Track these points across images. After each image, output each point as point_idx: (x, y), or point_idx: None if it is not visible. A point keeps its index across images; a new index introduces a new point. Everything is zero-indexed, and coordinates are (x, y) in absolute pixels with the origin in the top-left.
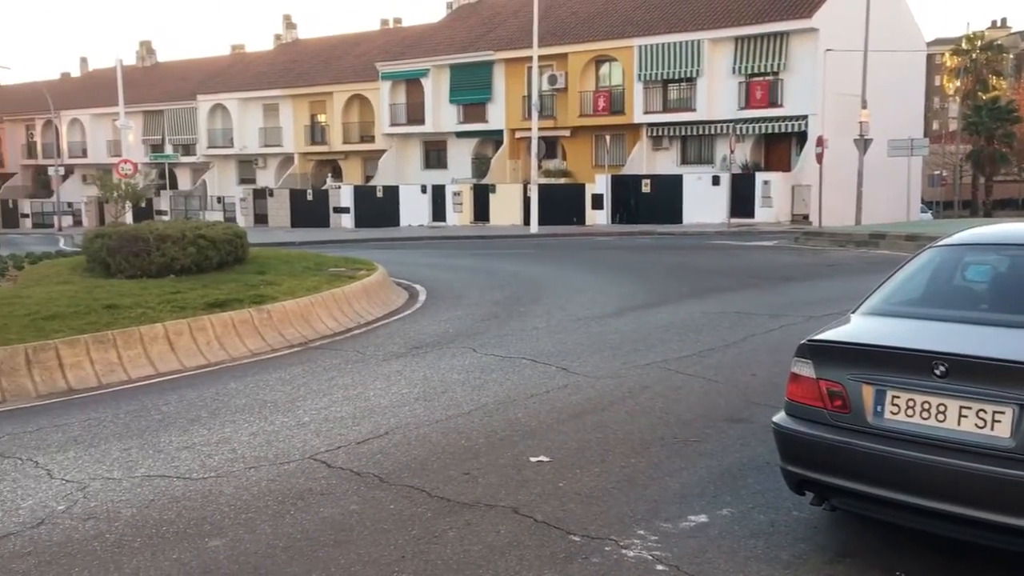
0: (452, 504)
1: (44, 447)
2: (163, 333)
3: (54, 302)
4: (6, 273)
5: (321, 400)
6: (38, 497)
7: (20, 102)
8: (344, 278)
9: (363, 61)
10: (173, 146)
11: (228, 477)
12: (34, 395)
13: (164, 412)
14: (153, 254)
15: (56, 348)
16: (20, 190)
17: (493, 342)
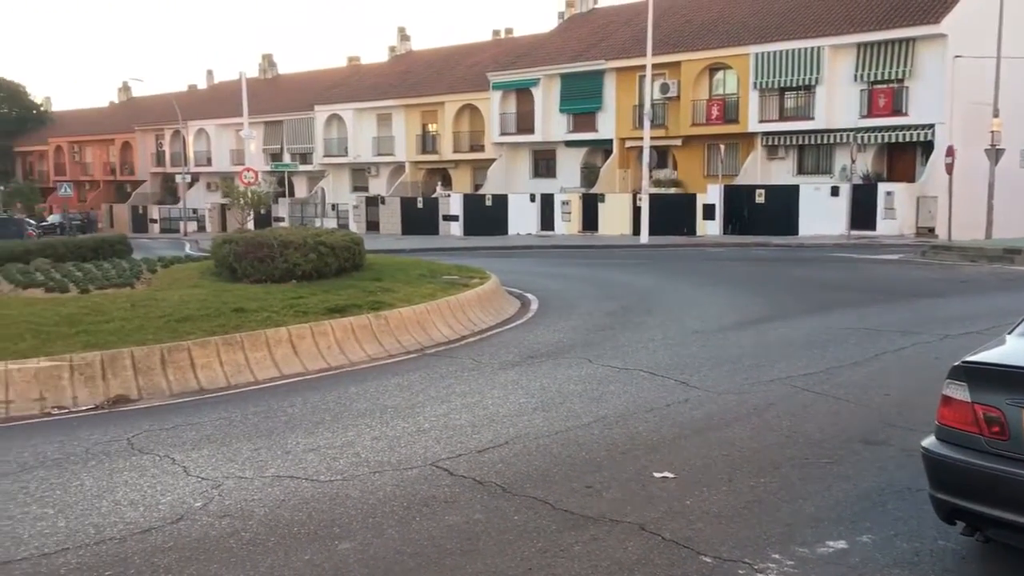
0: (576, 517)
1: (179, 444)
2: (287, 337)
3: (186, 305)
4: (141, 276)
5: (440, 407)
6: (176, 493)
7: (151, 113)
8: (458, 286)
9: (474, 71)
10: (291, 155)
11: (354, 481)
12: (168, 393)
13: (290, 414)
14: (276, 260)
15: (189, 349)
16: (149, 196)
17: (609, 353)
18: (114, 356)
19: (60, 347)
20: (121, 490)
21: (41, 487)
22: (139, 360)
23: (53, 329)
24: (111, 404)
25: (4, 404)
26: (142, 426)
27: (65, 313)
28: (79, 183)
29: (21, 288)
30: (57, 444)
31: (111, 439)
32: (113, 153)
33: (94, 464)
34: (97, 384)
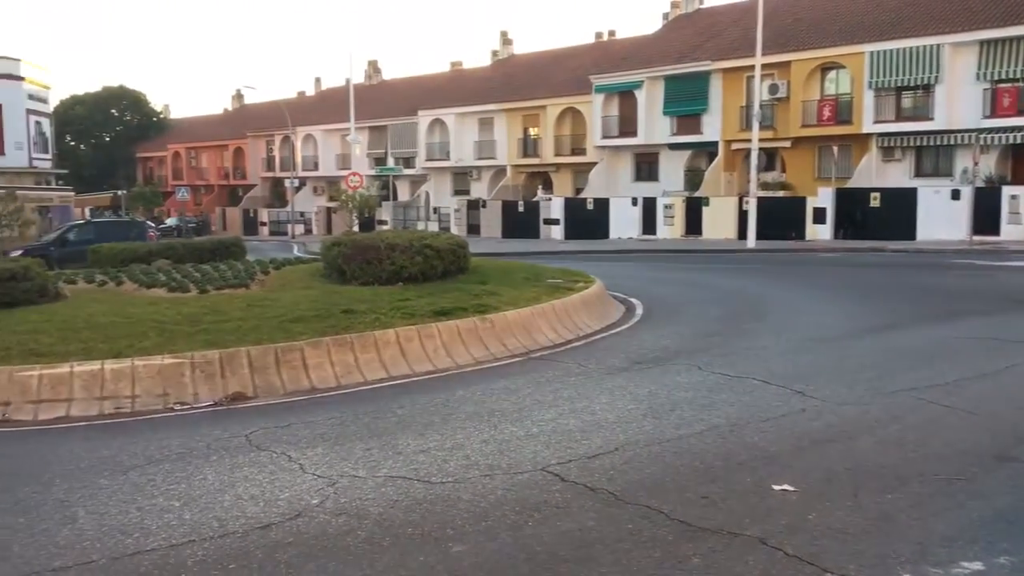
0: (693, 529)
1: (295, 442)
2: (395, 338)
3: (298, 306)
4: (255, 277)
5: (548, 412)
6: (294, 490)
7: (262, 120)
8: (562, 290)
9: (576, 75)
10: (395, 159)
11: (465, 483)
12: (282, 392)
13: (399, 415)
14: (384, 262)
15: (302, 349)
16: (259, 200)
17: (718, 360)
18: (232, 355)
19: (182, 345)
20: (241, 485)
21: (167, 480)
22: (255, 359)
23: (175, 328)
24: (229, 401)
25: (130, 399)
26: (259, 423)
27: (186, 312)
28: (195, 187)
29: (145, 288)
30: (180, 439)
31: (230, 435)
32: (226, 158)
33: (215, 459)
34: (216, 381)
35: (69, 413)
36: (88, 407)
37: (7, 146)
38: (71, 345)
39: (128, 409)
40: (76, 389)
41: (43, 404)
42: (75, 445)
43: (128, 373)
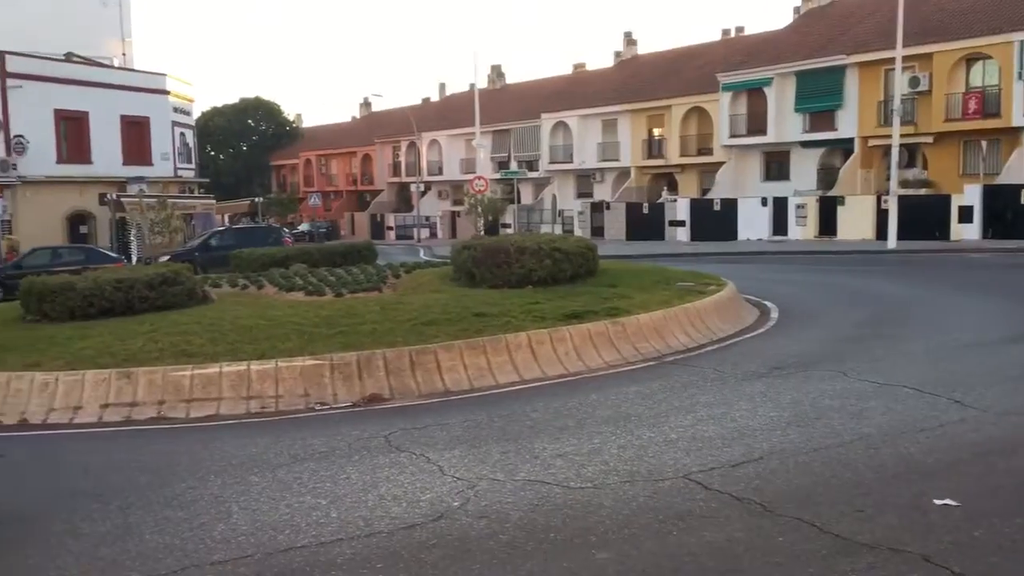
0: (848, 543)
1: (432, 444)
2: (526, 342)
3: (430, 309)
4: (387, 281)
5: (685, 417)
6: (435, 492)
7: (389, 126)
8: (694, 293)
9: (702, 73)
10: (518, 162)
11: (605, 489)
12: (416, 394)
13: (533, 419)
14: (513, 266)
15: (435, 352)
16: (386, 205)
17: (864, 366)
18: (369, 357)
19: (321, 347)
20: (384, 485)
21: (312, 478)
22: (390, 361)
23: (314, 330)
24: (366, 402)
25: (274, 399)
26: (396, 424)
27: (324, 315)
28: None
29: (284, 291)
30: (323, 438)
31: (370, 436)
32: (355, 165)
33: (357, 459)
34: (354, 383)
35: (219, 411)
36: (236, 406)
37: (154, 156)
38: (219, 346)
39: (272, 408)
40: (225, 388)
41: (195, 403)
42: (226, 442)
43: (272, 374)
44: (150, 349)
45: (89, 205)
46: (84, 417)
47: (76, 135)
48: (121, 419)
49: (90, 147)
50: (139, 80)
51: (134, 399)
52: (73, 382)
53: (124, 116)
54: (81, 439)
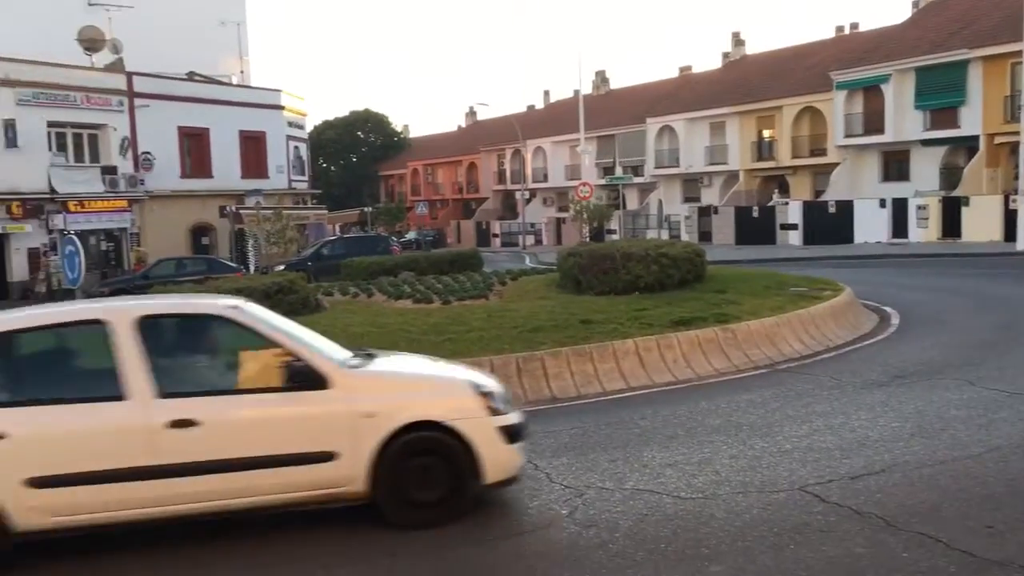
0: (979, 560)
1: (540, 451)
2: (633, 349)
3: (536, 316)
4: (493, 288)
5: (800, 427)
6: (542, 499)
7: (494, 134)
8: (808, 298)
9: (814, 72)
10: (623, 168)
11: (716, 500)
12: (524, 401)
13: (642, 427)
14: (620, 272)
15: (542, 359)
16: (491, 212)
17: (993, 375)
18: (476, 363)
19: (429, 353)
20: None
21: None
22: (498, 368)
23: (423, 337)
24: None
25: None
26: None
27: (432, 322)
28: (432, 202)
29: (393, 299)
30: None
31: None
32: (460, 173)
33: None
34: None
35: None
36: None
37: (270, 170)
38: None
39: None
40: None
41: None
42: None
43: None
44: None
45: (210, 217)
46: None
47: (198, 151)
48: None
49: (211, 162)
50: (256, 97)
51: None
52: None
53: (242, 131)
54: None
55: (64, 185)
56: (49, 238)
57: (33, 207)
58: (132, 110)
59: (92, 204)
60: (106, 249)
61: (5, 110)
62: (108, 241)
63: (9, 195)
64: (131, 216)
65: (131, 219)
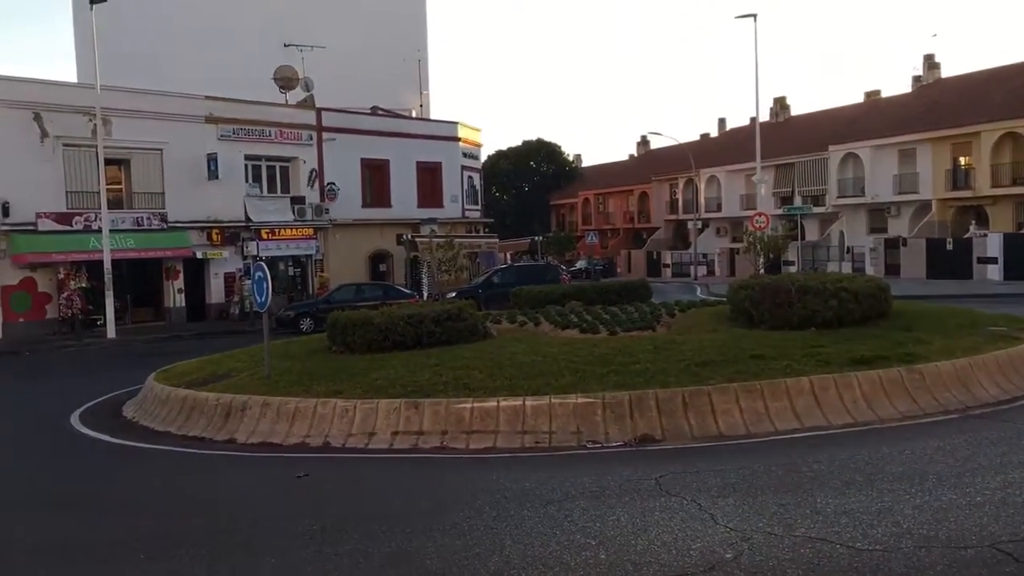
0: None
1: (704, 490)
2: (808, 387)
3: (704, 350)
4: (661, 320)
5: (994, 478)
6: (706, 541)
7: (666, 164)
8: (1008, 338)
9: (1017, 96)
10: (802, 197)
11: (896, 553)
12: (689, 436)
13: (815, 470)
14: (795, 306)
15: (709, 394)
16: (662, 242)
17: None
18: (640, 396)
19: (594, 385)
20: (653, 530)
21: (583, 517)
22: (663, 402)
23: (587, 368)
24: (638, 442)
25: (548, 435)
26: (668, 468)
27: (597, 353)
28: (602, 231)
29: (560, 328)
30: (594, 477)
31: (640, 477)
32: (631, 202)
33: (627, 500)
34: (625, 422)
35: (496, 444)
36: (511, 440)
37: (445, 199)
38: (497, 381)
39: (545, 444)
40: (501, 422)
41: (474, 434)
42: (500, 475)
43: (546, 410)
44: (435, 382)
45: (388, 245)
46: (377, 443)
47: (378, 181)
48: (409, 447)
49: (390, 192)
50: (433, 129)
51: (420, 428)
52: (368, 410)
53: (419, 162)
54: (374, 463)
55: (258, 214)
56: (243, 263)
57: (230, 235)
58: (320, 143)
59: (282, 232)
60: (293, 274)
61: (208, 145)
62: (295, 267)
63: (210, 223)
64: (316, 243)
65: (316, 246)
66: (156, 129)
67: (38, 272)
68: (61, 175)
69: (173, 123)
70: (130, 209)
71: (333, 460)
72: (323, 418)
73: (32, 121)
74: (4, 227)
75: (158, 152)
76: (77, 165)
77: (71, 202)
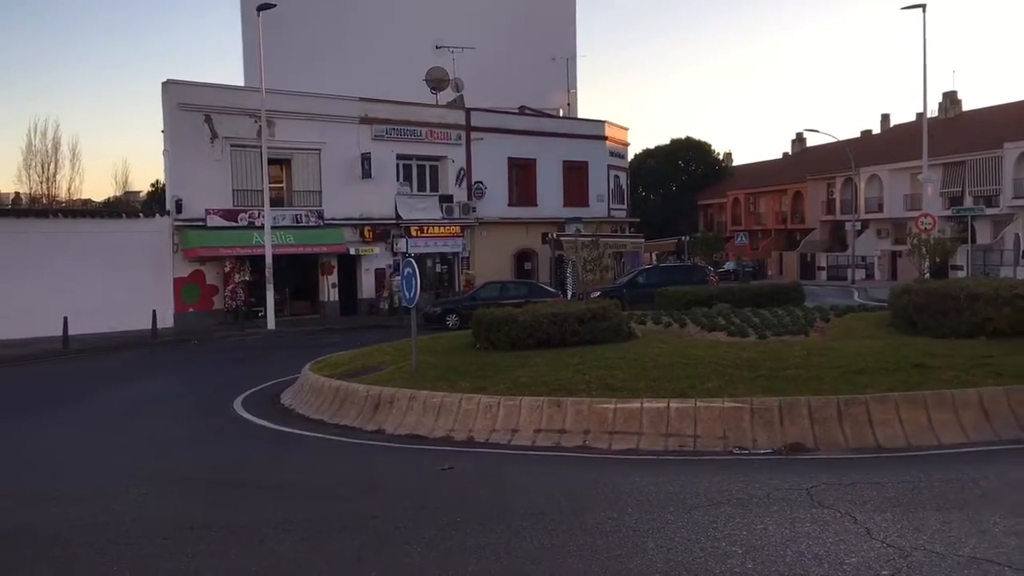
0: None
1: (860, 503)
2: (977, 400)
3: (862, 356)
4: (815, 324)
5: None
6: (861, 556)
7: (822, 162)
8: None
9: None
10: (973, 198)
11: None
12: (843, 447)
13: (983, 487)
14: (963, 313)
15: (866, 403)
16: (817, 244)
17: None
18: (791, 403)
19: (741, 390)
20: (804, 542)
21: (728, 524)
22: (815, 410)
23: (734, 372)
24: (788, 450)
25: (692, 438)
26: (820, 478)
27: (745, 357)
28: (752, 232)
29: (706, 331)
30: (740, 484)
31: (790, 487)
32: (784, 203)
33: (776, 510)
34: (774, 429)
35: (639, 446)
36: (655, 442)
37: (591, 198)
38: (640, 382)
39: (690, 448)
40: (645, 424)
41: (616, 435)
42: (644, 477)
43: (691, 413)
44: (578, 381)
45: (533, 243)
46: (520, 439)
47: (524, 180)
48: (551, 444)
49: (536, 191)
50: (580, 128)
51: (563, 427)
52: (512, 407)
53: (565, 161)
54: (516, 460)
55: (407, 212)
56: (393, 260)
57: (381, 232)
58: (468, 143)
59: (431, 230)
60: (440, 271)
61: (363, 144)
62: (442, 264)
63: (362, 221)
64: (463, 241)
65: (463, 244)
66: (315, 130)
67: (206, 265)
68: (228, 174)
69: (330, 124)
70: (290, 206)
71: (477, 454)
72: (468, 413)
73: (203, 124)
74: (177, 222)
75: (316, 152)
76: (243, 164)
77: (237, 199)
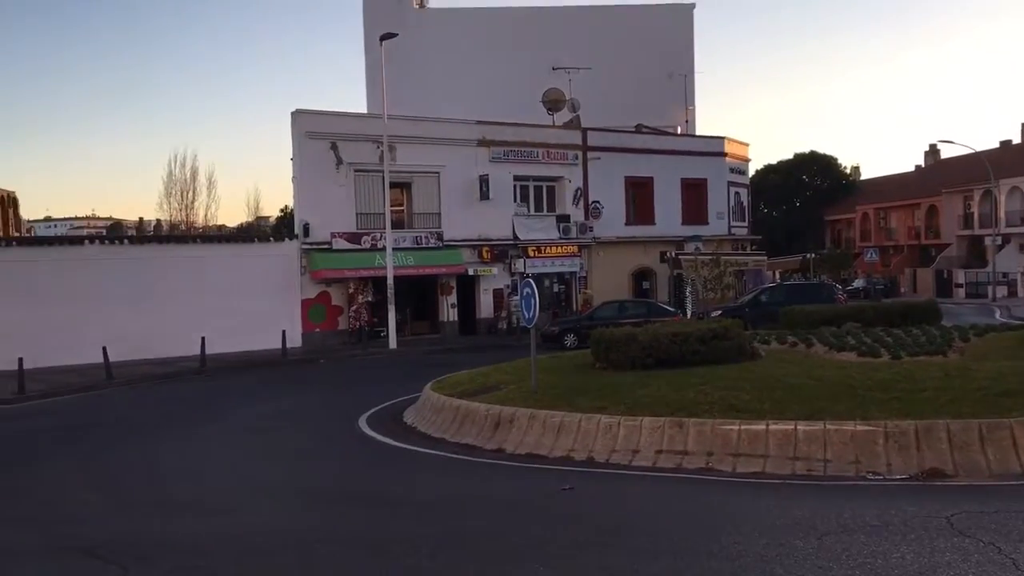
0: None
1: (1005, 533)
2: None
3: (1005, 378)
4: (953, 344)
5: None
6: None
7: (958, 174)
8: None
9: None
10: None
11: None
12: (986, 473)
13: None
14: None
15: (1011, 427)
16: (954, 260)
17: None
18: (929, 427)
19: (874, 412)
20: (944, 572)
21: (862, 552)
22: (955, 434)
23: (866, 394)
24: (925, 476)
25: (822, 462)
26: (961, 506)
27: (878, 378)
28: (883, 248)
29: (834, 351)
30: (875, 510)
31: (928, 514)
32: (918, 217)
33: (913, 538)
34: (911, 454)
35: (764, 469)
36: (781, 465)
37: (710, 216)
38: (765, 403)
39: (820, 472)
40: (771, 446)
41: (741, 458)
42: (770, 501)
43: (820, 436)
44: (700, 401)
45: (651, 262)
46: (640, 460)
47: (642, 199)
48: (672, 466)
49: (653, 209)
50: (699, 145)
51: (685, 448)
52: (632, 427)
53: (684, 179)
54: (637, 481)
55: (525, 232)
56: (511, 280)
57: (499, 252)
58: (585, 163)
59: (548, 250)
60: (557, 291)
61: (481, 167)
62: (560, 283)
63: (481, 242)
64: (580, 261)
65: (580, 263)
66: (434, 153)
67: (332, 287)
68: (352, 198)
69: (449, 147)
70: (410, 228)
71: (597, 475)
72: (587, 433)
73: (329, 150)
74: (305, 246)
75: (435, 175)
76: (366, 188)
77: (360, 223)
